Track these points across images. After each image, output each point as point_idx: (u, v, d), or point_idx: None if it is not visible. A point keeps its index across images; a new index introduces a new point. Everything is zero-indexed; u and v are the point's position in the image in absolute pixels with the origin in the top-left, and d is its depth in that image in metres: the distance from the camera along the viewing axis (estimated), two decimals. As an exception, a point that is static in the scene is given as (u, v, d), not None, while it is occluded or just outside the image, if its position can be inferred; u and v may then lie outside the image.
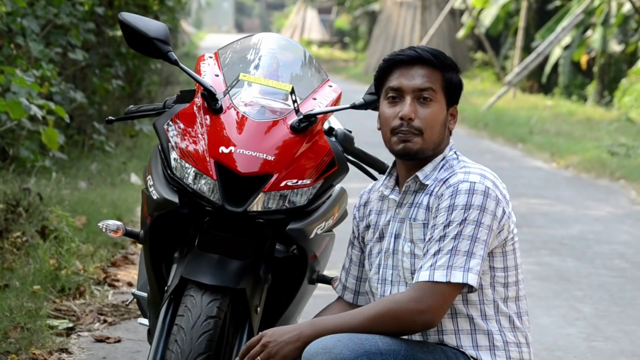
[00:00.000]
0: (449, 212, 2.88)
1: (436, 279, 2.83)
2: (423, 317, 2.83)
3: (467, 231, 2.86)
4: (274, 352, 2.83)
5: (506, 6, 24.53)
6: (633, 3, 17.58)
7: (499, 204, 2.92)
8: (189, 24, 48.13)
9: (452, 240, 2.86)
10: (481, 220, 2.88)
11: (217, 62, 3.56)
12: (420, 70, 2.99)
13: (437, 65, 3.00)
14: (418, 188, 3.01)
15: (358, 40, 40.90)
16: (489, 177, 2.95)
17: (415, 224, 2.97)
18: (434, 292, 2.83)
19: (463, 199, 2.88)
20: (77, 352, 4.87)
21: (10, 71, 7.17)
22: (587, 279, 6.93)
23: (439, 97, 3.00)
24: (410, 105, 2.98)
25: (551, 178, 12.03)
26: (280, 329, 2.87)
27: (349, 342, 2.80)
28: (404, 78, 3.00)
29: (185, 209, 3.29)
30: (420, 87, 2.98)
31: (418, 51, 3.00)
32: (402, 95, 3.00)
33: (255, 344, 2.87)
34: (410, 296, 2.84)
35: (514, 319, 2.98)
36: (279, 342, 2.84)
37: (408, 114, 2.97)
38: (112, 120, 3.71)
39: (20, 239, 6.27)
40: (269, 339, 2.85)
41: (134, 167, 9.99)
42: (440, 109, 3.01)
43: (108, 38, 11.82)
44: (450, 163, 3.02)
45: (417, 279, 2.86)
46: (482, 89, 23.86)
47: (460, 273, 2.83)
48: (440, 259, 2.85)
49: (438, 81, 3.00)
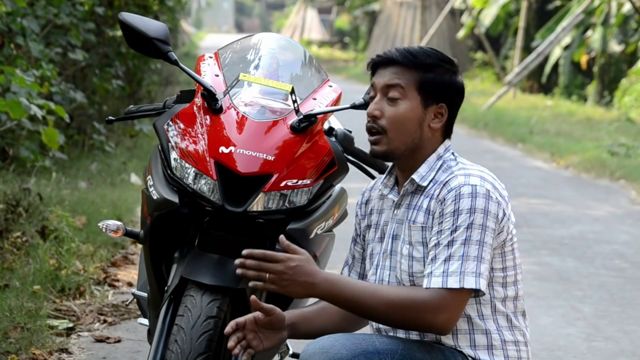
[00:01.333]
0: (455, 217, 2.88)
1: (450, 286, 2.83)
2: (441, 324, 2.83)
3: (475, 236, 2.86)
4: (283, 285, 2.79)
5: (506, 6, 24.54)
6: (633, 3, 17.58)
7: (500, 206, 2.92)
8: (189, 24, 48.14)
9: (461, 245, 2.85)
10: (486, 224, 2.88)
11: (217, 62, 3.56)
12: (392, 69, 2.99)
13: (411, 64, 2.98)
14: (415, 189, 3.01)
15: (358, 40, 40.90)
16: (488, 179, 2.94)
17: (415, 227, 2.97)
18: (452, 299, 2.83)
19: (467, 203, 2.88)
20: (77, 352, 4.87)
21: (10, 71, 7.17)
22: (587, 279, 6.93)
23: (409, 95, 2.97)
24: (377, 103, 2.99)
25: (551, 178, 12.03)
26: (302, 267, 2.79)
27: (346, 342, 2.80)
28: (377, 76, 3.02)
29: (185, 209, 3.29)
30: (387, 82, 2.98)
31: (392, 51, 3.01)
32: (375, 93, 3.02)
33: (275, 260, 2.79)
34: (432, 301, 2.82)
35: (511, 318, 2.98)
36: (293, 279, 2.79)
37: (371, 111, 2.98)
38: (112, 120, 3.71)
39: (20, 239, 6.27)
40: (287, 271, 2.78)
41: (134, 167, 9.99)
42: (410, 107, 2.97)
43: (108, 38, 11.82)
44: (448, 164, 3.00)
45: (430, 284, 2.84)
46: (482, 89, 23.86)
47: (473, 279, 2.84)
48: (452, 265, 2.84)
49: (410, 80, 2.97)
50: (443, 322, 2.82)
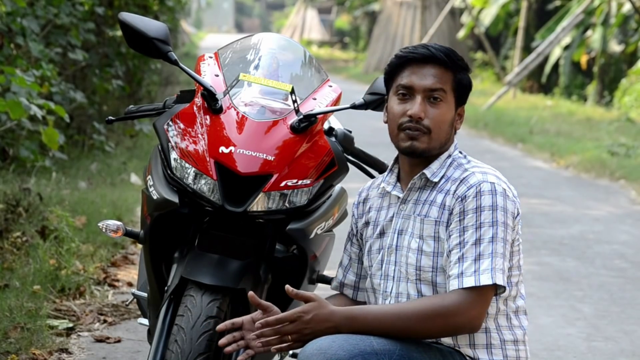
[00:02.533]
0: (477, 213, 2.90)
1: (482, 283, 2.85)
2: (475, 323, 2.85)
3: (500, 233, 2.89)
4: (307, 339, 2.80)
5: (506, 6, 24.53)
6: (633, 3, 17.58)
7: (515, 205, 2.98)
8: (189, 24, 48.14)
9: (489, 243, 2.88)
10: (507, 222, 2.92)
11: (217, 62, 3.56)
12: (432, 70, 2.99)
13: (449, 66, 3.00)
14: (424, 185, 3.02)
15: (358, 40, 40.90)
16: (502, 178, 3.00)
17: (428, 221, 2.97)
18: (482, 297, 2.85)
19: (488, 200, 2.91)
20: (77, 352, 4.87)
21: (10, 71, 7.17)
22: (587, 279, 6.93)
23: (448, 97, 3.00)
24: (421, 104, 2.98)
25: (551, 178, 12.03)
26: (317, 315, 2.80)
27: (343, 343, 2.80)
28: (415, 76, 2.99)
29: (185, 209, 3.29)
30: (432, 87, 2.98)
31: (432, 50, 3.00)
32: (412, 93, 2.99)
33: (289, 320, 2.81)
34: (461, 301, 2.83)
35: (511, 317, 2.99)
36: (315, 330, 2.80)
37: (418, 114, 2.97)
38: (112, 120, 3.71)
39: (20, 239, 6.27)
40: (305, 325, 2.80)
41: (134, 167, 9.99)
42: (449, 109, 3.01)
43: (108, 38, 11.82)
44: (458, 162, 3.03)
45: (462, 284, 2.85)
46: (482, 89, 23.86)
47: (501, 275, 2.87)
48: (482, 264, 2.86)
49: (449, 82, 3.00)
50: (474, 320, 2.84)
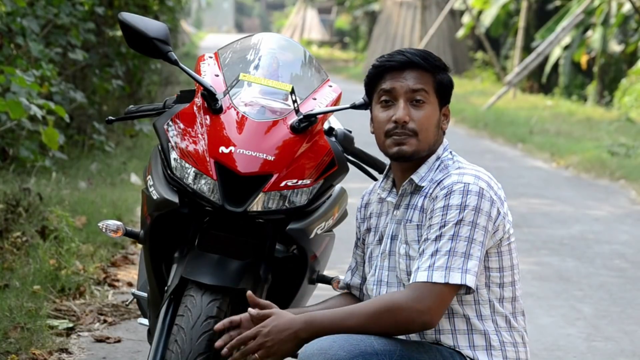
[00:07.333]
0: (444, 212, 2.89)
1: (435, 280, 2.83)
2: (422, 318, 2.83)
3: (464, 232, 2.87)
4: (272, 351, 2.83)
5: (506, 6, 24.54)
6: (633, 3, 17.58)
7: (494, 205, 2.92)
8: (189, 24, 48.13)
9: (449, 241, 2.86)
10: (477, 222, 2.88)
11: (217, 62, 3.56)
12: (412, 73, 3.00)
13: (427, 68, 3.00)
14: (414, 190, 3.02)
15: (358, 40, 40.90)
16: (483, 177, 2.95)
17: (410, 226, 2.98)
18: (433, 293, 2.83)
19: (457, 199, 2.89)
20: (77, 352, 4.87)
21: (10, 71, 7.17)
22: (587, 279, 6.93)
23: (431, 98, 3.01)
24: (404, 108, 2.98)
25: (551, 178, 12.02)
26: (275, 326, 2.83)
27: (344, 343, 2.80)
28: (395, 81, 3.00)
29: (185, 209, 3.29)
30: (413, 87, 2.98)
31: (407, 55, 3.00)
32: (395, 98, 3.00)
33: (250, 338, 2.85)
34: (408, 295, 2.83)
35: (510, 318, 2.99)
36: (276, 340, 2.83)
37: (402, 117, 2.97)
38: (112, 120, 3.71)
39: (20, 239, 6.27)
40: (265, 338, 2.83)
41: (134, 167, 9.99)
42: (433, 110, 3.01)
43: (108, 38, 11.82)
44: (445, 164, 3.02)
45: (415, 279, 2.85)
46: (482, 89, 23.86)
47: (459, 274, 2.83)
48: (438, 260, 2.85)
49: (429, 83, 3.00)
50: (422, 315, 2.81)
